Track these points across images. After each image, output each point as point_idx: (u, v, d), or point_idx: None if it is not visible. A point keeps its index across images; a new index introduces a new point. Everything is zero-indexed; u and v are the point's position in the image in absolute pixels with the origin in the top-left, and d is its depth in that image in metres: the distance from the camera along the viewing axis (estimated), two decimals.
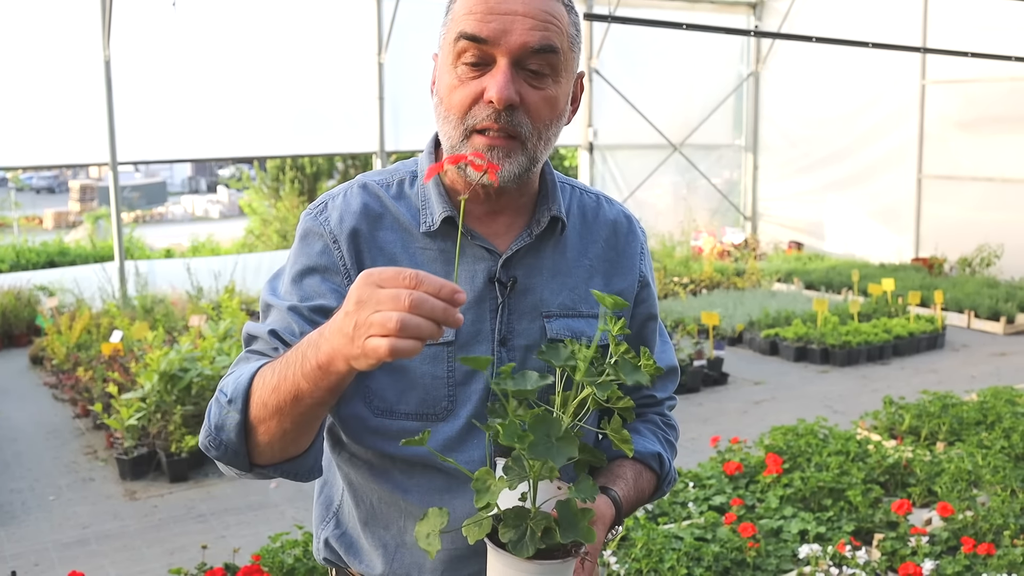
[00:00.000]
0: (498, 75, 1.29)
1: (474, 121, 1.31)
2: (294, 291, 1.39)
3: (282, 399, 1.20)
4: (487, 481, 1.19)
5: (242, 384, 1.25)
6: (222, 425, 1.27)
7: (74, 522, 4.70)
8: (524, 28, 1.29)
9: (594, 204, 1.54)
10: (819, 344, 7.85)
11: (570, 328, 1.44)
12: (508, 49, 1.29)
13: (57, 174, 30.72)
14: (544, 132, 1.35)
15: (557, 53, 1.32)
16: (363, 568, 1.48)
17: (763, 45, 13.10)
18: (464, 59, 1.31)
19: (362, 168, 15.74)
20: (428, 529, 1.21)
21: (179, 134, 9.62)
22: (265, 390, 1.22)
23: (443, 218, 1.39)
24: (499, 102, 1.28)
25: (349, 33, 10.31)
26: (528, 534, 1.17)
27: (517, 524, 1.18)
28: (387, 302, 1.04)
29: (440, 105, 1.36)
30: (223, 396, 1.28)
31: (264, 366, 1.26)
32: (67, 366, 7.08)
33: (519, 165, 1.34)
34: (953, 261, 11.03)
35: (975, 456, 4.62)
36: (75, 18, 8.85)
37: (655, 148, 12.56)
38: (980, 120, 10.85)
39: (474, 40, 1.29)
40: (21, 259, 13.40)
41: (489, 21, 1.29)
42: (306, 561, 3.46)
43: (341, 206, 1.43)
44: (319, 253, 1.40)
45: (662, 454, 1.54)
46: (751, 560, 3.61)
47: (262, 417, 1.24)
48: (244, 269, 9.64)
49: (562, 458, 1.14)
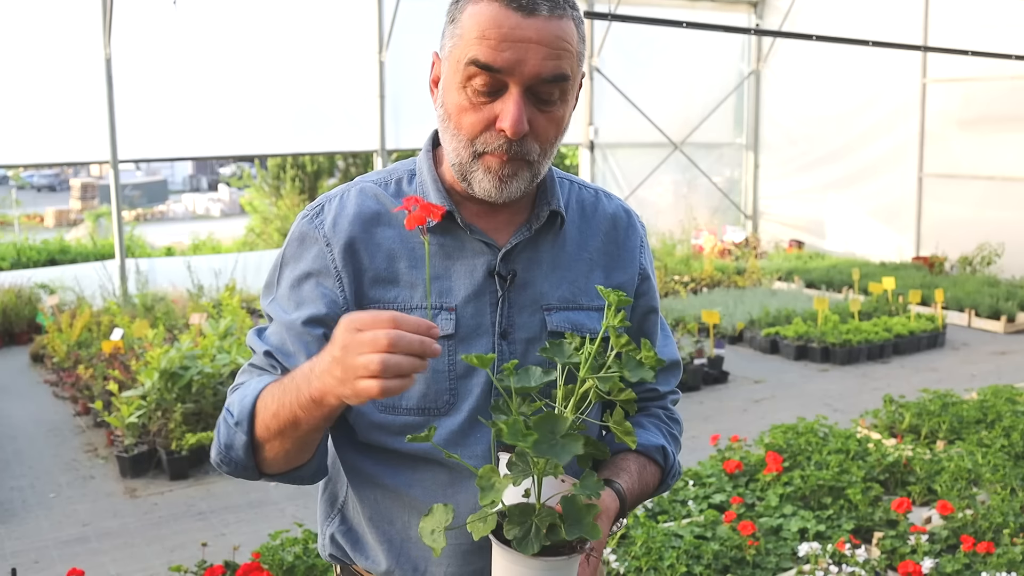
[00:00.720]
0: (510, 105, 1.30)
1: (485, 148, 1.33)
2: (291, 297, 1.42)
3: (282, 424, 1.28)
4: (492, 479, 1.19)
5: (247, 407, 1.33)
6: (231, 444, 1.36)
7: (74, 519, 4.71)
8: (538, 58, 1.29)
9: (593, 199, 1.55)
10: (819, 343, 7.85)
11: (570, 321, 1.45)
12: (522, 79, 1.29)
13: (58, 172, 30.73)
14: (549, 150, 1.38)
15: (568, 80, 1.33)
16: (368, 564, 1.48)
17: (764, 43, 13.09)
18: (474, 84, 1.31)
19: (363, 166, 15.74)
20: (433, 526, 1.21)
21: (180, 132, 9.61)
22: (267, 414, 1.30)
23: (441, 213, 1.39)
24: (513, 135, 1.30)
25: (350, 31, 10.31)
26: (533, 531, 1.17)
27: (522, 521, 1.18)
28: (367, 345, 1.11)
29: (448, 120, 1.36)
30: (231, 417, 1.35)
31: (266, 389, 1.32)
32: (68, 364, 7.09)
33: (524, 182, 1.37)
34: (954, 260, 11.03)
35: (975, 455, 4.62)
36: (76, 16, 8.85)
37: (656, 146, 12.56)
38: (981, 119, 10.85)
39: (487, 69, 1.29)
40: (22, 257, 13.41)
41: (503, 50, 1.28)
42: (306, 559, 3.47)
43: (336, 209, 1.44)
44: (314, 258, 1.42)
45: (666, 447, 1.55)
46: (751, 558, 3.61)
47: (266, 438, 1.32)
48: (245, 267, 9.65)
49: (567, 456, 1.14)
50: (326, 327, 1.37)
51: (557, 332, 1.44)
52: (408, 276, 1.41)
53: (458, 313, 1.40)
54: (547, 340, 1.42)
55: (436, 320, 1.40)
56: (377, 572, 1.47)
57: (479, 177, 1.35)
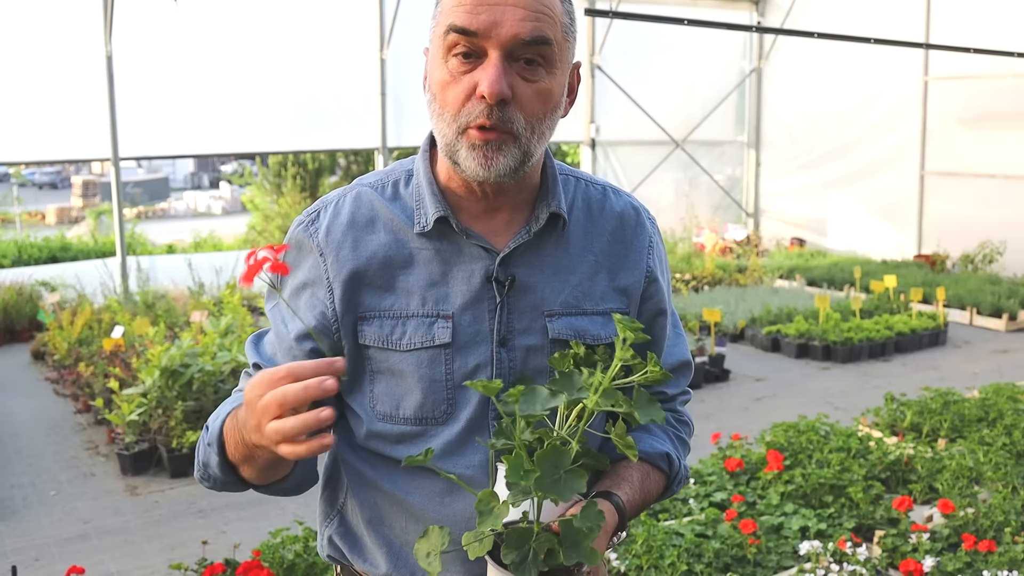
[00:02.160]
0: (489, 69, 1.26)
1: (468, 119, 1.29)
2: (289, 307, 1.41)
3: (244, 453, 1.30)
4: (490, 503, 1.16)
5: (215, 430, 1.35)
6: (207, 463, 1.39)
7: (75, 517, 4.71)
8: (515, 19, 1.26)
9: (600, 195, 1.49)
10: (821, 341, 7.84)
11: (573, 327, 1.40)
12: (499, 41, 1.26)
13: (59, 170, 30.73)
14: (538, 126, 1.32)
15: (550, 44, 1.29)
16: (367, 567, 1.47)
17: (766, 41, 13.07)
18: (455, 52, 1.28)
19: (364, 164, 15.73)
20: (428, 548, 1.19)
21: (181, 130, 9.61)
22: (231, 443, 1.33)
23: (436, 218, 1.37)
24: (491, 96, 1.25)
25: (351, 29, 10.30)
26: (531, 556, 1.15)
27: (520, 545, 1.15)
28: (262, 413, 1.16)
29: (434, 101, 1.33)
30: (206, 435, 1.38)
31: (230, 415, 1.34)
32: (68, 361, 7.09)
33: (513, 158, 1.31)
34: (955, 258, 11.02)
35: (976, 453, 4.61)
36: (77, 14, 8.85)
37: (657, 144, 12.55)
38: (983, 116, 10.83)
39: (464, 33, 1.26)
40: (23, 254, 13.41)
41: (479, 13, 1.26)
42: (306, 557, 3.47)
43: (331, 216, 1.42)
44: (309, 268, 1.40)
45: (671, 453, 1.50)
46: (751, 557, 3.61)
47: (237, 460, 1.34)
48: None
49: (569, 493, 1.12)
50: (317, 341, 1.37)
51: (559, 340, 1.39)
52: (404, 283, 1.38)
53: (455, 321, 1.37)
54: (551, 350, 1.39)
55: (432, 329, 1.37)
56: (376, 575, 1.46)
57: (464, 155, 1.30)
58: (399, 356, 1.37)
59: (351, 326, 1.39)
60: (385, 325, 1.38)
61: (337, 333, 1.38)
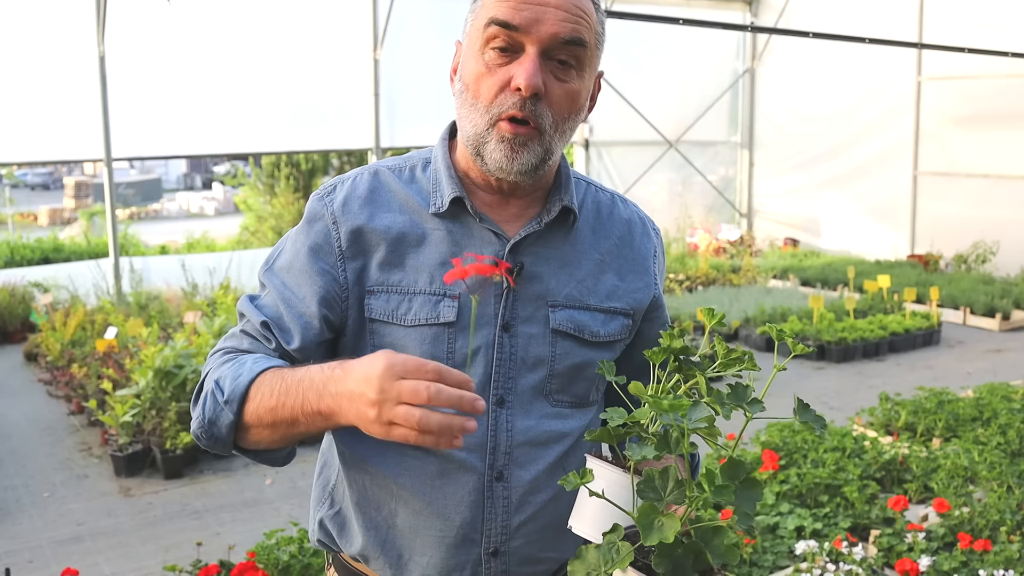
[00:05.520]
0: (526, 63, 1.32)
1: (500, 109, 1.33)
2: (291, 270, 1.43)
3: (278, 420, 1.28)
4: (652, 517, 1.13)
5: (240, 388, 1.30)
6: (215, 420, 1.34)
7: (68, 519, 4.69)
8: (556, 19, 1.32)
9: (609, 201, 1.56)
10: (815, 341, 7.85)
11: (574, 321, 1.45)
12: (539, 38, 1.32)
13: (52, 171, 30.63)
14: (562, 125, 1.38)
15: (585, 47, 1.35)
16: (353, 551, 1.48)
17: (759, 41, 13.09)
18: (493, 44, 1.33)
19: (357, 165, 15.65)
20: (587, 569, 1.14)
21: (174, 130, 9.58)
22: (262, 407, 1.29)
23: (452, 199, 1.41)
24: (526, 89, 1.31)
25: (344, 29, 10.28)
26: (681, 562, 1.14)
27: (671, 552, 1.14)
28: (408, 395, 1.12)
29: (466, 92, 1.37)
30: (220, 394, 1.32)
31: (264, 376, 1.30)
32: (61, 363, 7.06)
33: (535, 155, 1.36)
34: (949, 258, 11.04)
35: (971, 452, 4.62)
36: (69, 14, 8.81)
37: (651, 145, 12.55)
38: (976, 116, 10.86)
39: (505, 26, 1.31)
40: (16, 255, 13.36)
41: (522, 9, 1.31)
42: (301, 558, 3.46)
43: (348, 190, 1.46)
44: (318, 232, 1.43)
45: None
46: (747, 556, 3.61)
47: (254, 424, 1.31)
48: (239, 266, 9.61)
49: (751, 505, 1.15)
50: (326, 307, 1.39)
51: (559, 331, 1.44)
52: (414, 261, 1.41)
53: (461, 301, 1.40)
54: (551, 340, 1.43)
55: (438, 307, 1.40)
56: (362, 558, 1.48)
57: (491, 147, 1.35)
58: (403, 331, 1.40)
59: (358, 298, 1.42)
60: (392, 300, 1.41)
61: (345, 302, 1.41)
